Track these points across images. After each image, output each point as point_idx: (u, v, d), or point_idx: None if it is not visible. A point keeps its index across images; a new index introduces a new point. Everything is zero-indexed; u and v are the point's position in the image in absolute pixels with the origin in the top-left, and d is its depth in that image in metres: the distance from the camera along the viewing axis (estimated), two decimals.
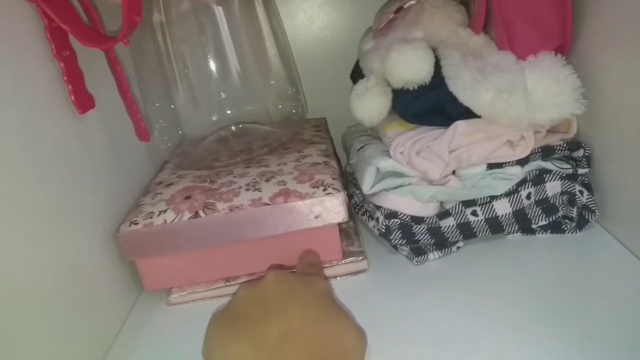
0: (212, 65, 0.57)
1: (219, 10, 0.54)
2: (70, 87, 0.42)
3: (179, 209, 0.45)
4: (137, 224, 0.45)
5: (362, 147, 0.55)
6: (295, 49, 0.68)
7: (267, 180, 0.48)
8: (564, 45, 0.47)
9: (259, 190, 0.46)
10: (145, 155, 0.58)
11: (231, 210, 0.44)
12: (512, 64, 0.45)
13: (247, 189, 0.46)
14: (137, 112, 0.48)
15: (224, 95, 0.59)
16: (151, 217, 0.45)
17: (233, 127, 0.60)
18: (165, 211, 0.45)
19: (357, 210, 0.56)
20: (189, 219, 0.44)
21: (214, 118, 0.61)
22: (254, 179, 0.48)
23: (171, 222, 0.44)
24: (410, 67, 0.46)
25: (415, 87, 0.47)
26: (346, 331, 0.34)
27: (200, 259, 0.47)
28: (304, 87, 0.66)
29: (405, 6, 0.55)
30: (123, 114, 0.50)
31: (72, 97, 0.42)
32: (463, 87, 0.45)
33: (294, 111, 0.60)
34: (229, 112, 0.60)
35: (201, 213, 0.44)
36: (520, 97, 0.43)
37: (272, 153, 0.55)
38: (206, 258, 0.47)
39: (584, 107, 0.43)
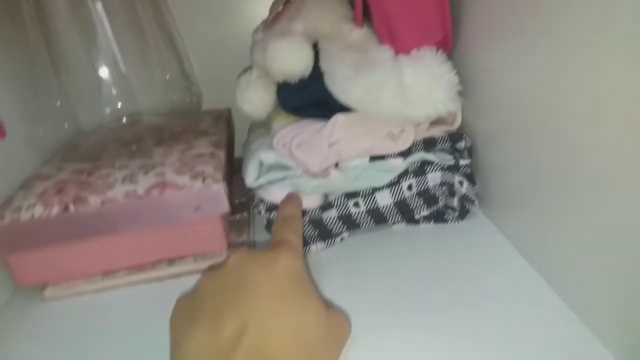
0: (97, 60, 0.56)
1: (97, 7, 0.52)
2: None
3: (49, 203, 0.44)
4: (3, 218, 0.43)
5: (252, 139, 0.55)
6: (209, 38, 0.67)
7: (146, 172, 0.47)
8: (446, 38, 0.48)
9: (134, 182, 0.45)
10: (31, 149, 0.56)
11: (103, 203, 0.43)
12: (387, 59, 0.45)
13: (123, 182, 0.45)
14: None
15: (114, 89, 0.58)
16: (19, 212, 0.43)
17: (124, 119, 0.58)
18: (34, 205, 0.44)
19: (253, 207, 0.55)
20: (57, 213, 0.43)
21: (107, 111, 0.59)
22: (132, 171, 0.47)
23: (39, 216, 0.43)
24: (286, 61, 0.45)
25: (297, 81, 0.47)
26: (309, 316, 0.30)
27: (76, 253, 0.45)
28: (215, 77, 0.66)
29: None
30: None
31: None
32: (334, 83, 0.45)
33: (187, 100, 0.60)
34: (120, 105, 0.59)
35: (71, 207, 0.43)
36: (391, 93, 0.43)
37: (161, 144, 0.54)
38: (81, 252, 0.46)
39: (458, 104, 0.45)
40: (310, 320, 0.30)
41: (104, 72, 0.57)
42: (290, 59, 0.45)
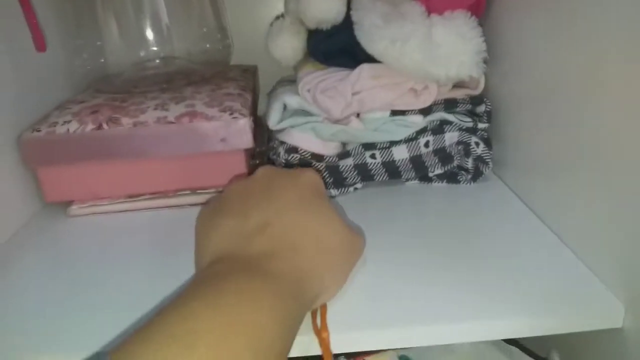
0: (142, 4, 0.59)
1: None
2: None
3: (84, 121, 0.46)
4: (40, 131, 0.45)
5: (277, 87, 0.57)
6: None
7: (177, 102, 0.49)
8: (479, 2, 0.49)
9: (166, 109, 0.47)
10: (66, 79, 0.59)
11: (135, 125, 0.46)
12: (417, 15, 0.47)
13: (155, 109, 0.47)
14: (34, 20, 0.48)
15: (152, 32, 0.61)
16: (54, 126, 0.46)
17: (158, 60, 0.60)
18: (69, 122, 0.46)
19: (273, 153, 0.57)
20: (91, 130, 0.45)
21: (142, 54, 0.61)
22: (163, 101, 0.49)
23: (74, 131, 0.45)
24: (320, 5, 0.47)
25: (329, 28, 0.49)
26: (327, 224, 0.32)
27: (103, 173, 0.48)
28: (246, 34, 0.69)
29: None
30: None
31: None
32: (362, 33, 0.46)
33: (220, 49, 0.62)
34: (155, 48, 0.61)
35: (105, 125, 0.45)
36: (415, 48, 0.45)
37: (192, 85, 0.56)
38: (109, 173, 0.48)
39: (482, 70, 0.46)
40: (328, 226, 0.32)
41: (146, 17, 0.60)
42: (325, 4, 0.47)
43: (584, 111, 0.36)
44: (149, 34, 0.60)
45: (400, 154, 0.51)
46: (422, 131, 0.51)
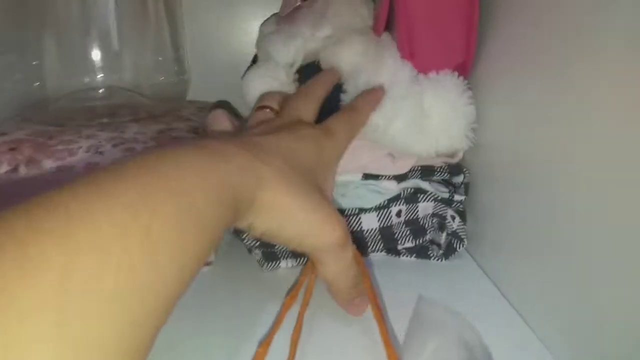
0: (90, 27, 0.53)
1: None
2: None
3: None
4: None
5: None
6: (209, 33, 0.65)
7: (115, 145, 0.42)
8: (466, 63, 0.45)
9: (100, 153, 0.40)
10: None
11: (59, 170, 0.38)
12: (406, 80, 0.43)
13: (87, 151, 0.40)
14: None
15: (98, 58, 0.54)
16: None
17: (102, 90, 0.53)
18: None
19: None
20: (6, 171, 0.37)
21: (86, 80, 0.54)
22: (99, 142, 0.42)
23: None
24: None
25: None
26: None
27: None
28: (206, 71, 0.63)
29: None
30: None
31: None
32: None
33: (174, 82, 0.55)
34: (100, 76, 0.54)
35: (22, 168, 0.38)
36: (403, 127, 0.42)
37: (137, 122, 0.49)
38: None
39: (470, 142, 0.43)
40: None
41: (94, 40, 0.54)
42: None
43: (557, 190, 0.33)
44: (96, 59, 0.53)
45: (370, 223, 0.45)
46: (394, 199, 0.45)
